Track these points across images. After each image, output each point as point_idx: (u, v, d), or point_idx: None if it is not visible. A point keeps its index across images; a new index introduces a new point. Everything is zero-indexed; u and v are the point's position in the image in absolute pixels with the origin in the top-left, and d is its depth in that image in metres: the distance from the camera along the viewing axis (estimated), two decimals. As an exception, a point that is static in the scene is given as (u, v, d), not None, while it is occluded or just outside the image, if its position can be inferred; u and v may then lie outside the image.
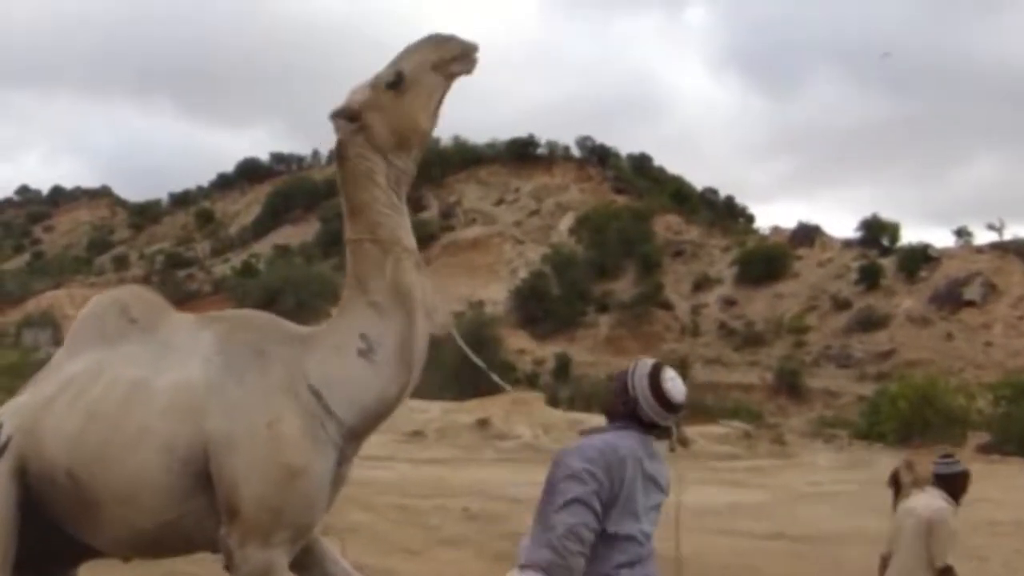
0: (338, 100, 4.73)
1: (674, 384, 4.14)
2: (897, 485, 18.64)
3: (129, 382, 4.65)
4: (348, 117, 4.73)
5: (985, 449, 25.38)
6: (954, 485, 7.99)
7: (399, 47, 4.60)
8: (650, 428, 4.11)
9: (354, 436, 4.71)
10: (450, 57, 4.67)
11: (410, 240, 4.89)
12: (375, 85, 4.70)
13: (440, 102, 4.77)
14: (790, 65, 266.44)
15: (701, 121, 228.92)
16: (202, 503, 4.51)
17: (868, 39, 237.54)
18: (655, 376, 4.13)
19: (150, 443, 4.45)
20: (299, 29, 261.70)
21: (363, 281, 4.83)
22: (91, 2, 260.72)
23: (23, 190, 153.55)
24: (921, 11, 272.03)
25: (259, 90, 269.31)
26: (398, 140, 4.73)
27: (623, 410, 4.12)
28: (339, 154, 4.85)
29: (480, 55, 4.69)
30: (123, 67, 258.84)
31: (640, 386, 4.12)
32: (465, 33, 4.73)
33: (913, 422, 41.44)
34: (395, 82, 4.63)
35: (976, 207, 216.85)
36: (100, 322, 4.99)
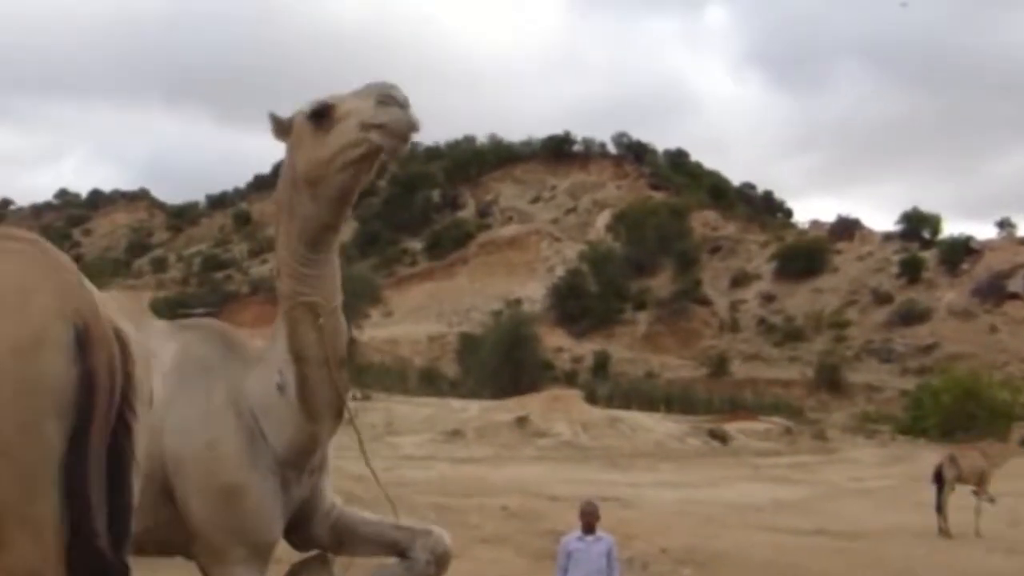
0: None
1: None
2: (940, 481, 18.55)
3: None
4: (278, 129, 4.45)
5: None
6: None
7: (425, 49, 4.19)
8: None
9: (287, 464, 4.52)
10: (377, 122, 4.13)
11: (315, 293, 4.36)
12: (306, 108, 4.31)
13: (358, 164, 4.22)
14: (814, 62, 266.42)
15: (728, 120, 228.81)
16: (172, 513, 4.48)
17: (891, 34, 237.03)
18: None
19: None
20: (330, 32, 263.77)
21: (277, 326, 4.56)
22: (124, 10, 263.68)
23: (62, 193, 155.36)
24: (947, 4, 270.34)
25: (291, 93, 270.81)
26: (305, 179, 4.28)
27: None
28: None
29: (412, 140, 4.21)
30: (157, 75, 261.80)
31: None
32: (408, 111, 4.19)
33: (956, 417, 41.12)
34: (317, 114, 4.24)
35: (1011, 200, 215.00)
36: None
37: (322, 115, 4.20)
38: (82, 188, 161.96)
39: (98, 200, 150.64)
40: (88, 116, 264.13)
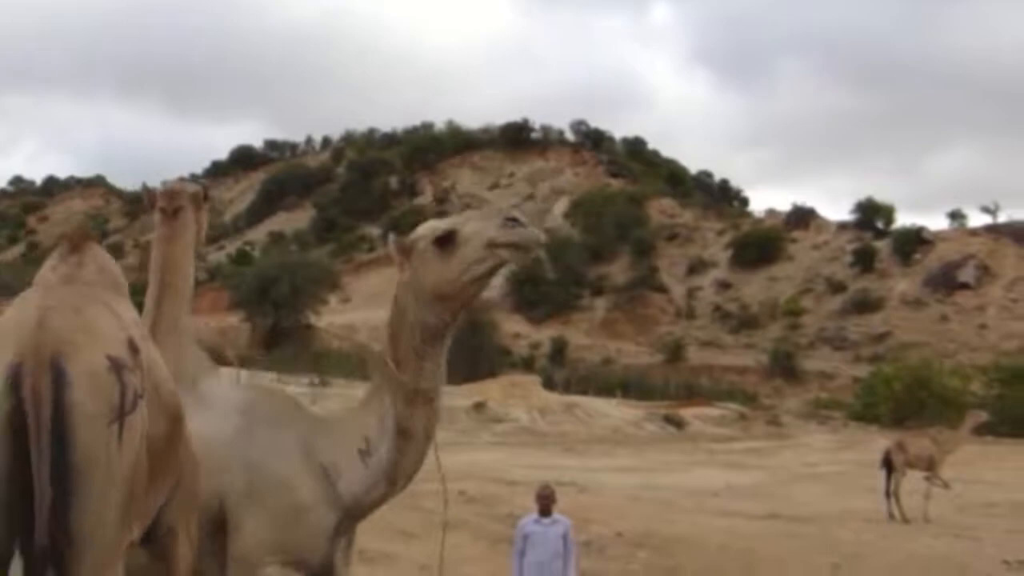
0: (323, 93, 4.65)
1: None
2: (890, 466, 18.85)
3: None
4: (399, 251, 4.78)
5: (979, 430, 25.50)
6: None
7: (384, 38, 4.48)
8: None
9: (349, 512, 4.84)
10: (507, 241, 4.61)
11: (430, 381, 4.83)
12: (429, 234, 4.70)
13: (484, 277, 4.71)
14: (759, 60, 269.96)
15: (679, 115, 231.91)
16: (215, 546, 4.67)
17: (836, 32, 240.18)
18: None
19: None
20: (285, 21, 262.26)
21: (380, 399, 4.92)
22: (77, 1, 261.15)
23: (17, 180, 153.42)
24: (890, 3, 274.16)
25: (245, 84, 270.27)
26: (432, 295, 4.70)
27: None
28: (399, 272, 4.93)
29: (538, 252, 4.75)
30: (109, 68, 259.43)
31: None
32: (531, 227, 4.74)
33: (908, 404, 41.69)
34: (444, 239, 4.63)
35: (959, 193, 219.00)
36: None
37: (446, 240, 4.60)
38: (37, 176, 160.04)
39: (53, 187, 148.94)
40: (41, 106, 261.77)
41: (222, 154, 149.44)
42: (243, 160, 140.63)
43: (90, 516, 3.24)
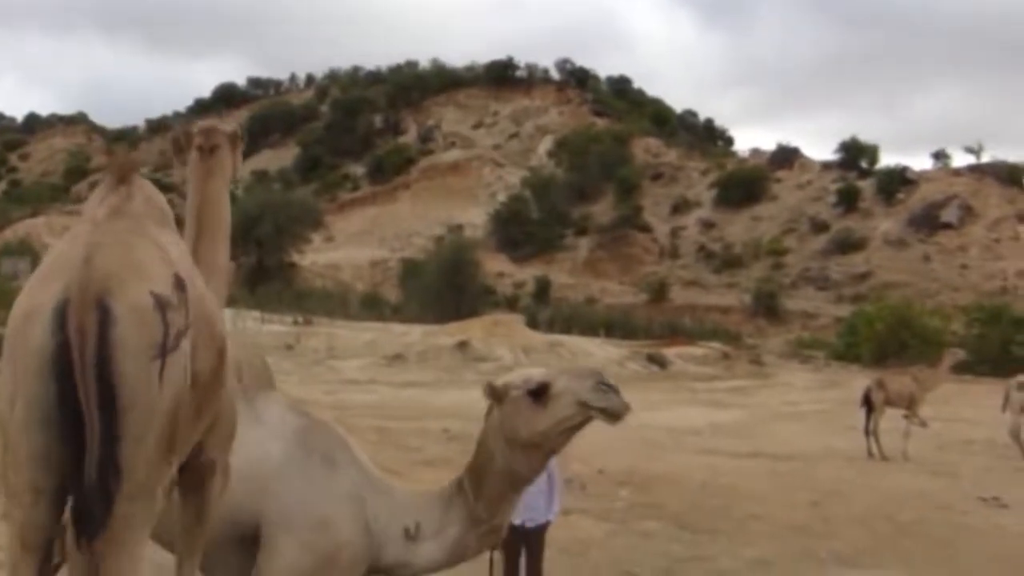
0: (307, 30, 4.62)
1: None
2: (870, 404, 19.03)
3: None
4: (492, 396, 4.96)
5: (958, 369, 25.69)
6: None
7: None
8: None
9: (374, 568, 4.96)
10: (599, 405, 4.81)
11: (503, 519, 5.14)
12: (523, 385, 4.89)
13: (573, 431, 4.92)
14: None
15: (663, 55, 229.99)
16: (242, 560, 4.77)
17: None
18: None
19: None
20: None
21: (450, 507, 5.07)
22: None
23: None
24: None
25: (228, 21, 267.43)
26: (520, 443, 4.92)
27: None
28: (486, 417, 5.10)
29: (626, 419, 4.87)
30: (89, 3, 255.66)
31: None
32: (623, 397, 4.91)
33: (889, 343, 41.96)
34: (538, 392, 4.83)
35: (942, 134, 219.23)
36: None
37: (539, 393, 4.81)
38: (17, 113, 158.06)
39: (35, 124, 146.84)
40: (21, 42, 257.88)
41: (205, 92, 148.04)
42: (226, 98, 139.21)
43: (132, 451, 3.32)
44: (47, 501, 3.40)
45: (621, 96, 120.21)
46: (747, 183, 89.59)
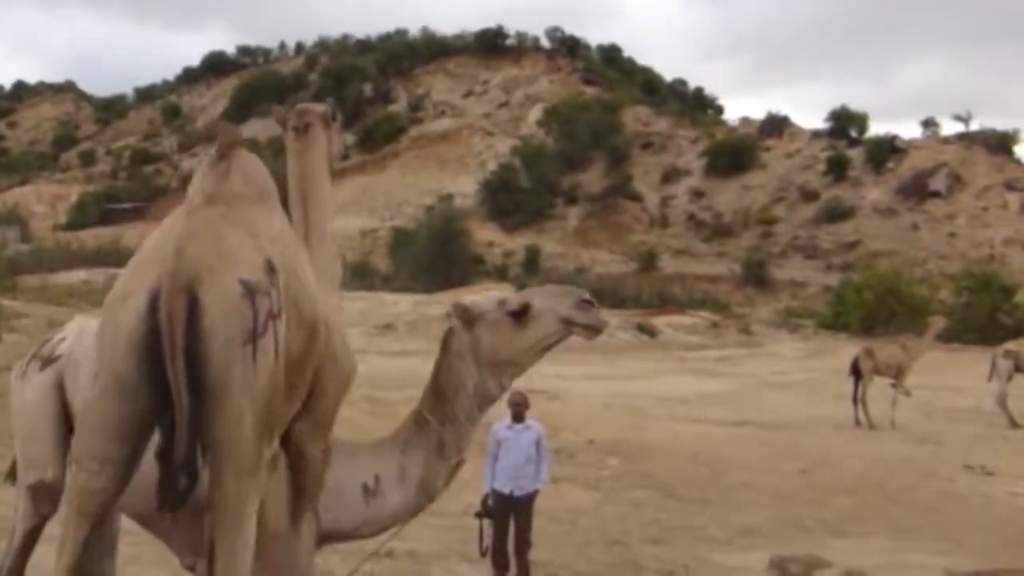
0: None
1: None
2: (858, 373, 19.12)
3: None
4: (463, 318, 5.02)
5: (945, 337, 25.82)
6: None
7: None
8: None
9: (323, 535, 4.97)
10: (583, 322, 4.96)
11: (467, 447, 5.16)
12: (500, 306, 4.98)
13: (549, 348, 5.04)
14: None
15: (653, 23, 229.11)
16: None
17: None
18: None
19: None
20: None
21: (408, 447, 5.12)
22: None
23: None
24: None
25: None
26: (496, 363, 4.99)
27: None
28: (443, 341, 5.18)
29: (604, 334, 5.06)
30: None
31: None
32: (601, 312, 5.07)
33: (877, 312, 42.02)
34: (519, 312, 4.94)
35: (929, 103, 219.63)
36: None
37: (521, 313, 4.91)
38: (5, 81, 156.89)
39: (23, 92, 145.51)
40: (8, 10, 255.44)
41: (194, 60, 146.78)
42: (215, 66, 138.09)
43: (226, 433, 3.51)
44: (110, 471, 3.59)
45: (611, 65, 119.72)
46: (737, 152, 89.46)
